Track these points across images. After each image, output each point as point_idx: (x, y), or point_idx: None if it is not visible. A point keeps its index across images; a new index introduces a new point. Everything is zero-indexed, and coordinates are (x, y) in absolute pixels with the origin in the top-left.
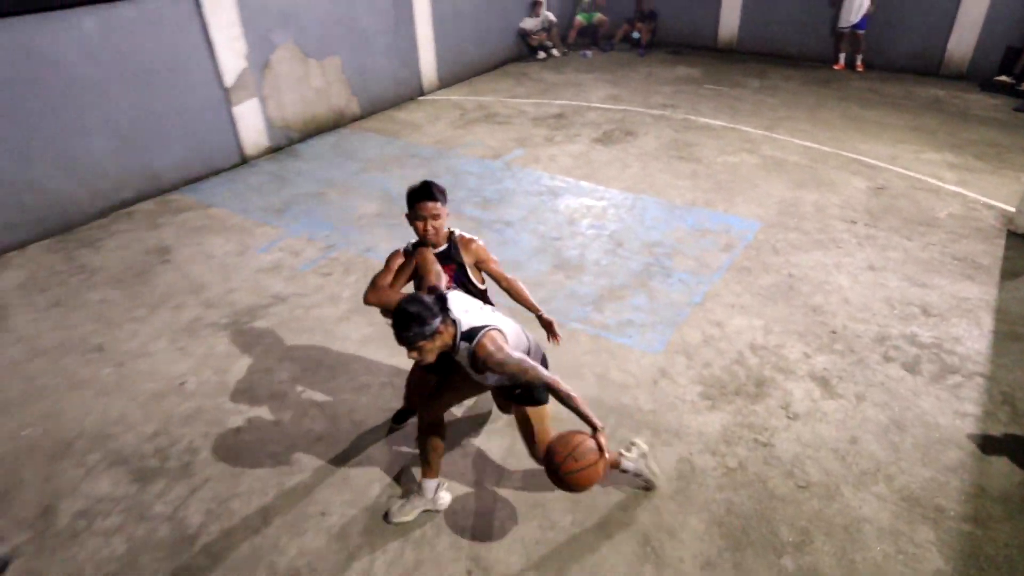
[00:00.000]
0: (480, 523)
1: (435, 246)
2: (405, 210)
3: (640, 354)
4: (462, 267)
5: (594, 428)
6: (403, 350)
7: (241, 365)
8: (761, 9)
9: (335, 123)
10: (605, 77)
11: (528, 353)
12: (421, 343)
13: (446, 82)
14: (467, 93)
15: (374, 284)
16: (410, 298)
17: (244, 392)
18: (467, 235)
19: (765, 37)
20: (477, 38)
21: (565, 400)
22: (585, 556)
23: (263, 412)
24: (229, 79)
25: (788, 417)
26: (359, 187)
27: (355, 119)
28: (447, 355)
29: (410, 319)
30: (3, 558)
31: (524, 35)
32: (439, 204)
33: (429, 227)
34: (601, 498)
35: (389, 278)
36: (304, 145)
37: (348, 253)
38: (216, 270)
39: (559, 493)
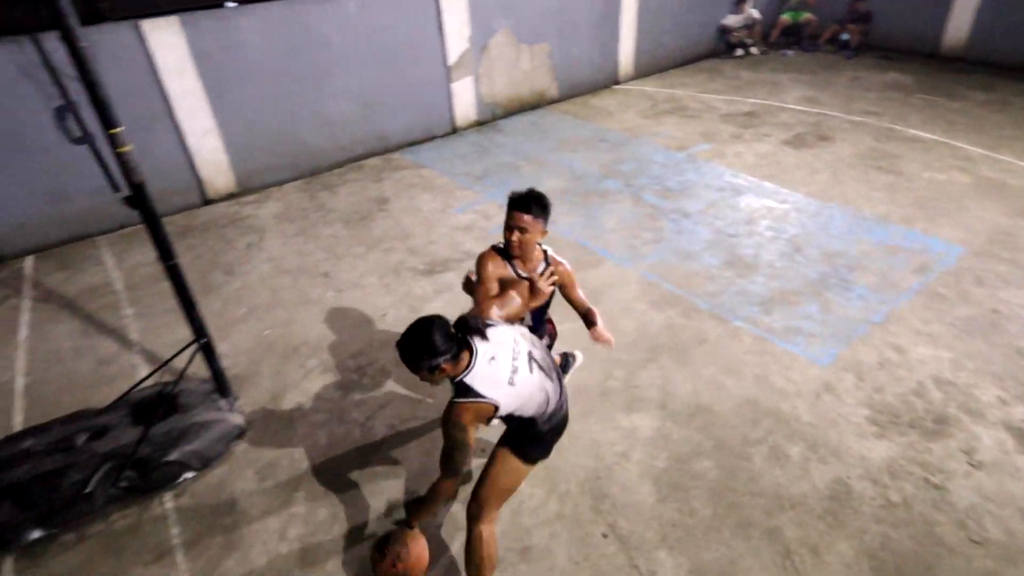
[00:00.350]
0: (622, 494)
1: (521, 260)
2: (588, 189)
3: (806, 363)
4: (564, 289)
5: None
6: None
7: (431, 307)
8: (1005, 12)
9: (535, 104)
10: (804, 78)
11: (534, 416)
12: (420, 372)
13: (640, 73)
14: (659, 85)
15: (478, 304)
16: (430, 323)
17: None
18: (557, 257)
19: (1004, 45)
20: (676, 32)
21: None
22: (721, 551)
23: None
24: (452, 58)
25: (970, 464)
26: (550, 163)
27: (553, 101)
28: None
29: (418, 349)
30: (239, 427)
31: (725, 31)
32: (531, 218)
33: (515, 238)
34: (746, 499)
35: (490, 287)
36: (506, 121)
37: None
38: (421, 223)
39: (703, 482)
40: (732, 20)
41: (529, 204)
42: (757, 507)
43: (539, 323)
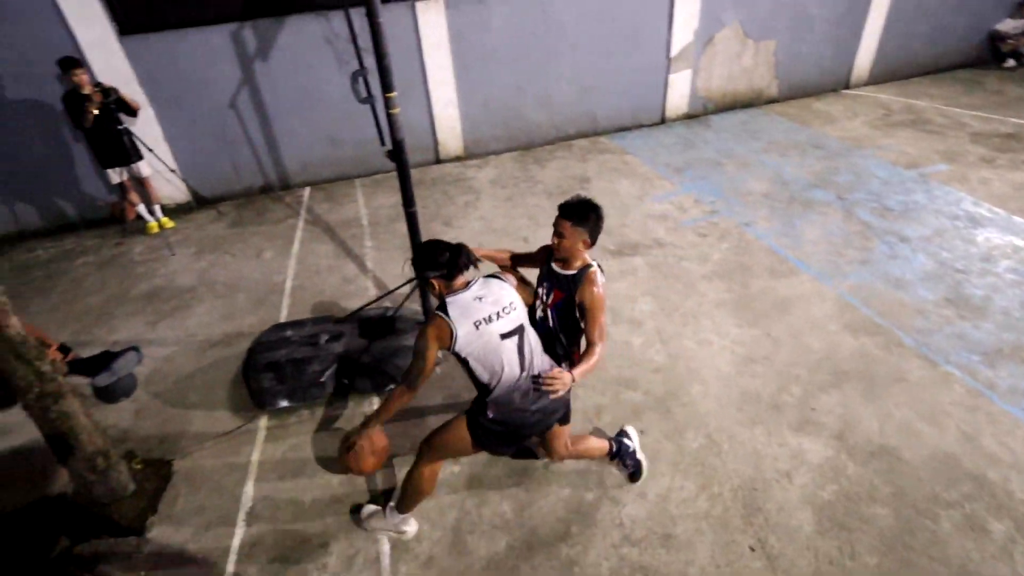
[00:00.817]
0: (778, 514)
1: (563, 262)
2: (793, 196)
3: None
4: (570, 301)
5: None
6: None
7: (615, 287)
8: None
9: (750, 102)
10: None
11: (491, 383)
12: (424, 279)
13: (877, 79)
14: (897, 93)
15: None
16: (441, 244)
17: (611, 309)
18: (597, 275)
19: None
20: (931, 36)
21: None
22: None
23: (623, 330)
24: (674, 50)
25: None
26: (755, 165)
27: (770, 101)
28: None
29: (419, 258)
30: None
31: (996, 38)
32: (571, 225)
33: (554, 241)
34: (923, 560)
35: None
36: (716, 117)
37: (728, 222)
38: (618, 206)
39: (873, 528)
40: (1008, 25)
41: (572, 212)
42: (936, 574)
43: (559, 330)
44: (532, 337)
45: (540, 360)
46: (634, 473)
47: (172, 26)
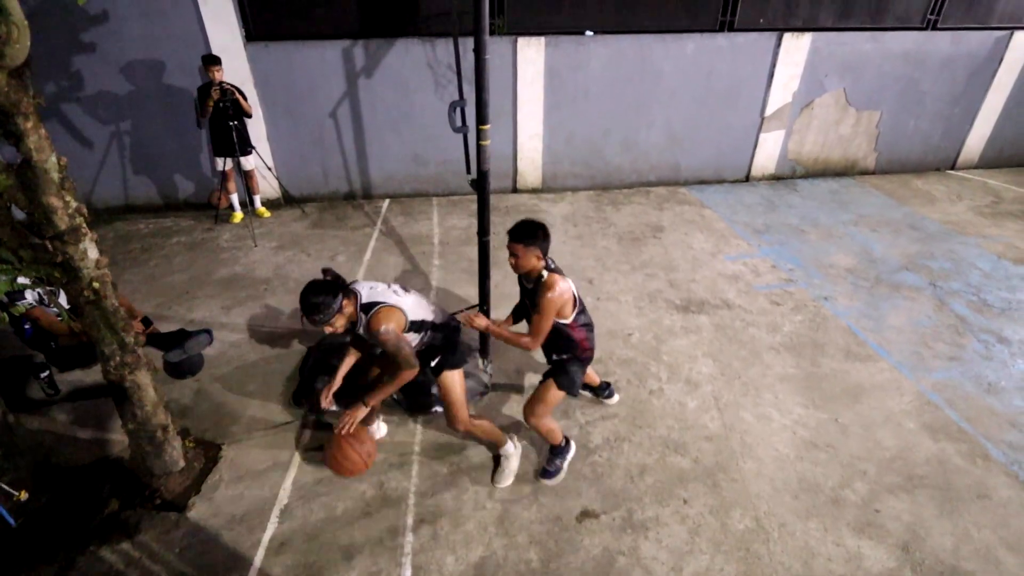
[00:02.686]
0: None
1: (526, 278)
2: (881, 276)
3: None
4: (536, 308)
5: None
6: None
7: (674, 344)
8: None
9: (843, 171)
10: None
11: (432, 321)
12: (329, 322)
13: (988, 163)
14: (1010, 180)
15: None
16: (311, 286)
17: (668, 365)
18: (555, 281)
19: None
20: None
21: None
22: None
23: (678, 389)
24: (769, 110)
25: None
26: (841, 237)
27: (865, 173)
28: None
29: (313, 309)
30: (485, 386)
31: None
32: (521, 246)
33: (511, 261)
34: None
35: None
36: (805, 182)
37: (804, 293)
38: (689, 260)
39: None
40: None
41: (520, 234)
42: None
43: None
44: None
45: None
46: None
47: (293, 37)
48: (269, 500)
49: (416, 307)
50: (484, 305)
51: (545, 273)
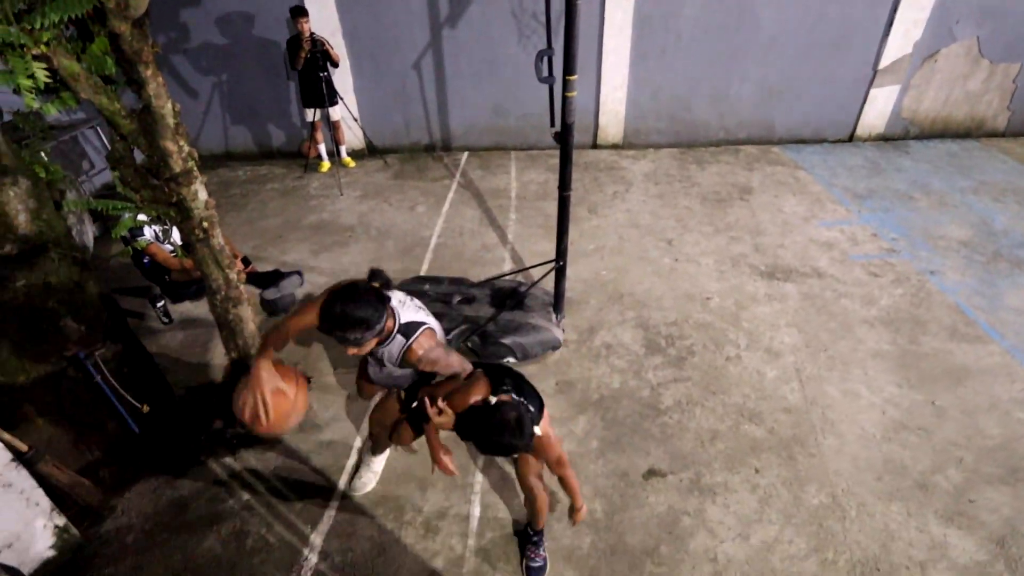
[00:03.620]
0: None
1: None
2: (1001, 251)
3: None
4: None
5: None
6: None
7: (756, 311)
8: None
9: (966, 132)
10: None
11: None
12: (361, 344)
13: None
14: None
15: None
16: (355, 294)
17: (748, 332)
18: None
19: None
20: None
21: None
22: None
23: (757, 358)
24: (884, 62)
25: None
26: (957, 206)
27: (992, 135)
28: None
29: (352, 324)
30: (558, 341)
31: None
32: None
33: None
34: None
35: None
36: (918, 144)
37: (908, 265)
38: (778, 224)
39: None
40: None
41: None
42: None
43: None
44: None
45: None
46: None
47: None
48: (351, 433)
49: (440, 331)
50: (561, 261)
51: (537, 430)
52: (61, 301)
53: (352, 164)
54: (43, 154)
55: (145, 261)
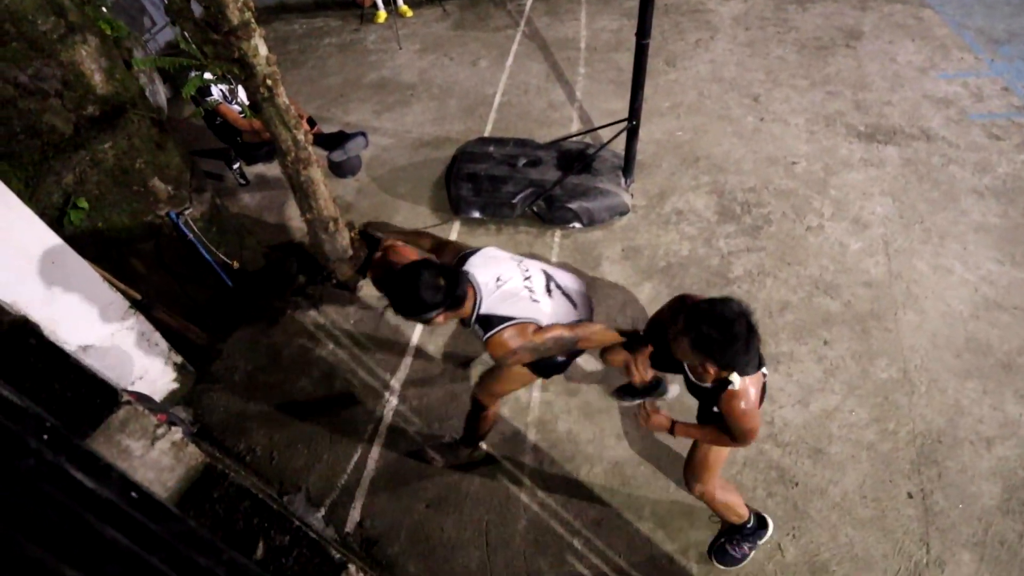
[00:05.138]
0: (957, 475)
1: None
2: None
3: None
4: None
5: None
6: None
7: (847, 177)
8: None
9: None
10: None
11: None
12: (431, 322)
13: None
14: None
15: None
16: (415, 275)
17: (835, 200)
18: (745, 386)
19: None
20: None
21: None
22: None
23: (842, 228)
24: None
25: None
26: None
27: None
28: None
29: (410, 308)
30: (626, 206)
31: None
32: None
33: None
34: None
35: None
36: None
37: None
38: (888, 76)
39: None
40: None
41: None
42: None
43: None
44: (557, 273)
45: (574, 283)
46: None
47: None
48: None
49: (556, 316)
50: (634, 121)
51: (735, 379)
52: (146, 162)
53: (409, 13)
54: (105, 9)
55: (217, 122)
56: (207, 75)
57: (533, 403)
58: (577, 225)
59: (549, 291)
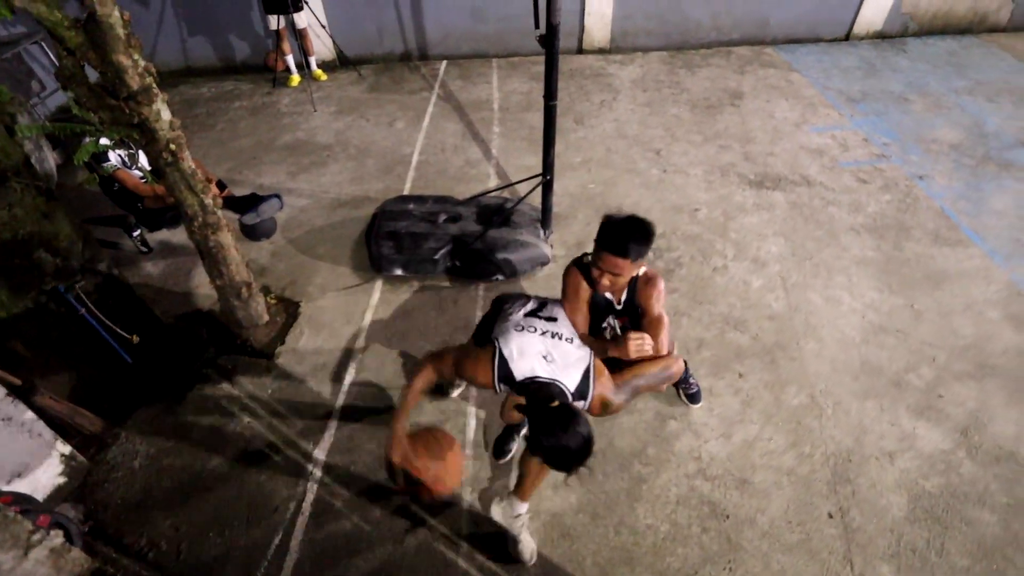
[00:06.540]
0: (868, 491)
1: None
2: (990, 154)
3: None
4: (636, 316)
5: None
6: None
7: (744, 221)
8: None
9: (967, 27)
10: None
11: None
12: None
13: None
14: None
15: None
16: (577, 427)
17: (736, 243)
18: (651, 273)
19: None
20: None
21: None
22: None
23: (744, 268)
24: None
25: None
26: (951, 108)
27: (994, 30)
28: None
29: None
30: (547, 257)
31: None
32: (628, 262)
33: (606, 281)
34: None
35: (578, 316)
36: (917, 41)
37: (898, 171)
38: (768, 131)
39: (972, 531)
40: None
41: (627, 246)
42: None
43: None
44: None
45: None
46: (695, 395)
47: None
48: (346, 354)
49: (566, 373)
50: (548, 175)
51: (642, 269)
52: (31, 234)
53: (324, 77)
54: None
55: (115, 188)
56: (103, 140)
57: (467, 463)
58: (500, 277)
59: (559, 337)
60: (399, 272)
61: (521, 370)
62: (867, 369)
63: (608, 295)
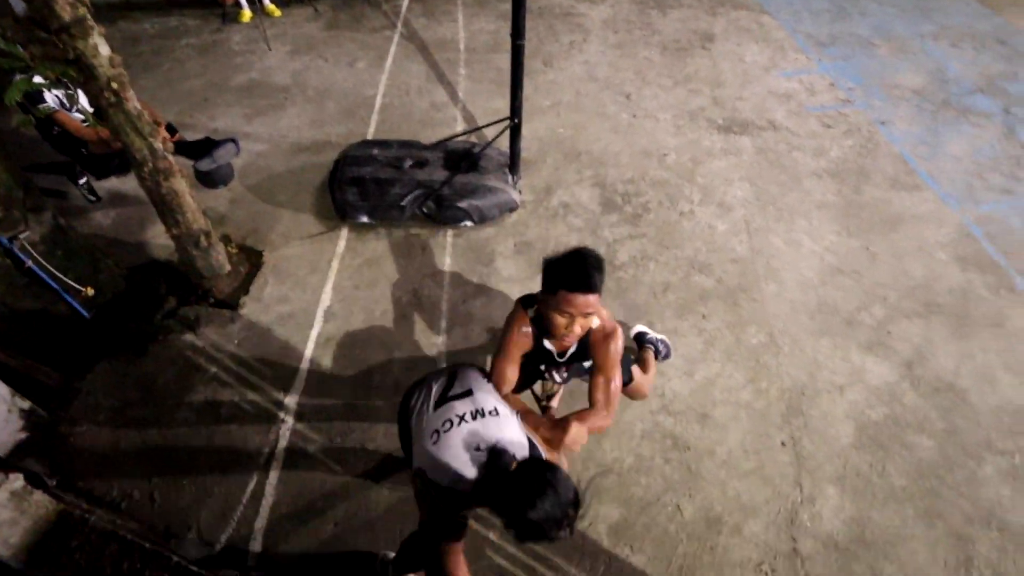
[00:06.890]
0: (818, 421)
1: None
2: (950, 99)
3: None
4: (582, 369)
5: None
6: None
7: (711, 166)
8: None
9: None
10: None
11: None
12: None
13: None
14: None
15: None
16: (563, 489)
17: (703, 188)
18: (610, 327)
19: None
20: None
21: None
22: (892, 520)
23: (710, 212)
24: None
25: None
26: (915, 53)
27: None
28: None
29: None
30: (515, 202)
31: None
32: (597, 297)
33: (577, 327)
34: (950, 494)
35: (508, 373)
36: None
37: (861, 116)
38: (738, 74)
39: (911, 455)
40: None
41: (592, 280)
42: (959, 508)
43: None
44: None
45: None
46: (667, 355)
47: None
48: (312, 302)
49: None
50: (516, 119)
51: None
52: None
53: (278, 13)
54: None
55: (55, 132)
56: (37, 78)
57: None
58: (468, 223)
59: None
60: (365, 219)
61: (464, 477)
62: (823, 309)
63: (548, 345)
